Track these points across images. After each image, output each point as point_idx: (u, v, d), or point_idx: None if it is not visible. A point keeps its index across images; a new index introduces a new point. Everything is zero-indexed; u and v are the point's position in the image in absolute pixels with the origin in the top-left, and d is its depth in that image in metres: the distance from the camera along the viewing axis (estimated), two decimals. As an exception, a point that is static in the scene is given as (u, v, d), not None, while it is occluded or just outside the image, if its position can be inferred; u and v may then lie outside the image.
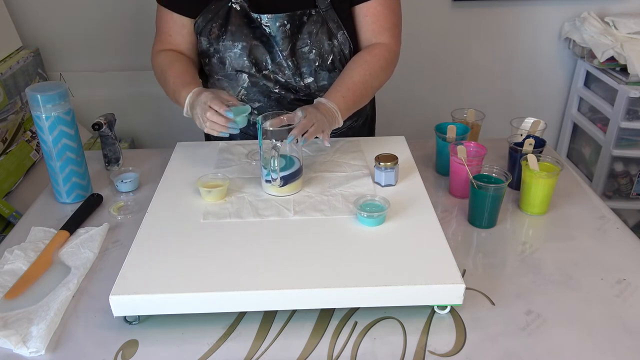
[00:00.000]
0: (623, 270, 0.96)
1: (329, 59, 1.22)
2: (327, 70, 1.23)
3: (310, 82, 1.24)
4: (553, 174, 1.08)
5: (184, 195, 1.07)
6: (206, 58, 1.24)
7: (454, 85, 2.39)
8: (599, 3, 2.20)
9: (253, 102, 1.26)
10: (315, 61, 1.21)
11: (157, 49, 1.28)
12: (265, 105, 1.26)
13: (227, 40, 1.19)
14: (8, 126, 1.84)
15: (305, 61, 1.21)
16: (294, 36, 1.19)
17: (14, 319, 0.85)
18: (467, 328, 0.84)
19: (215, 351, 0.81)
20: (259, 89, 1.24)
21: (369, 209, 0.97)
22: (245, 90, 1.24)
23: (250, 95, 1.25)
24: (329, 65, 1.22)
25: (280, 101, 1.26)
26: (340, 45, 1.22)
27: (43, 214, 1.15)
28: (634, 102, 1.97)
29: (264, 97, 1.25)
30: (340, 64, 1.24)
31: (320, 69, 1.22)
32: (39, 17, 2.13)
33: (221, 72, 1.24)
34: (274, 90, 1.23)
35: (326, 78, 1.25)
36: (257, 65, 1.21)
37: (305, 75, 1.22)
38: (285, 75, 1.22)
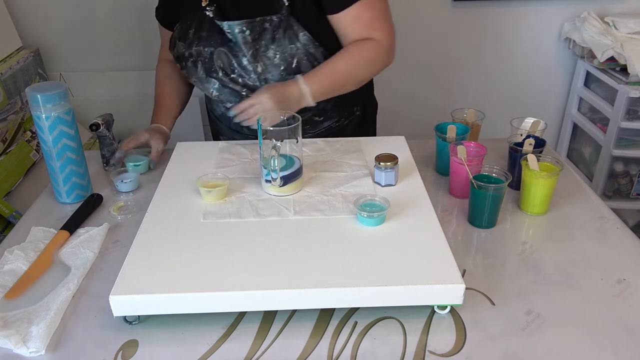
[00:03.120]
0: (623, 270, 0.96)
1: (294, 62, 1.22)
2: (293, 74, 1.22)
3: None
4: (553, 174, 1.08)
5: (184, 195, 1.07)
6: (183, 62, 1.28)
7: (454, 85, 2.39)
8: (599, 3, 2.20)
9: (225, 102, 1.29)
10: (280, 65, 1.22)
11: (160, 56, 1.44)
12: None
13: (199, 46, 1.24)
14: (8, 126, 1.84)
15: (271, 66, 1.22)
16: (256, 42, 1.21)
17: (14, 319, 0.85)
18: (467, 328, 0.84)
19: (215, 351, 0.81)
20: (230, 91, 1.27)
21: (369, 209, 0.97)
22: (217, 92, 1.28)
23: (222, 96, 1.28)
24: (295, 69, 1.22)
25: None
26: (304, 46, 1.21)
27: (43, 214, 1.15)
28: (634, 102, 1.97)
29: (236, 98, 1.27)
30: (307, 65, 1.23)
31: (286, 72, 1.22)
32: (39, 17, 2.13)
33: (195, 76, 1.28)
34: (243, 93, 1.26)
35: None
36: (224, 70, 1.24)
37: (270, 81, 1.23)
38: (252, 79, 1.24)
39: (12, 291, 0.91)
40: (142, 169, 1.27)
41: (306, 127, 1.34)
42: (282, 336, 0.83)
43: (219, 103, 1.32)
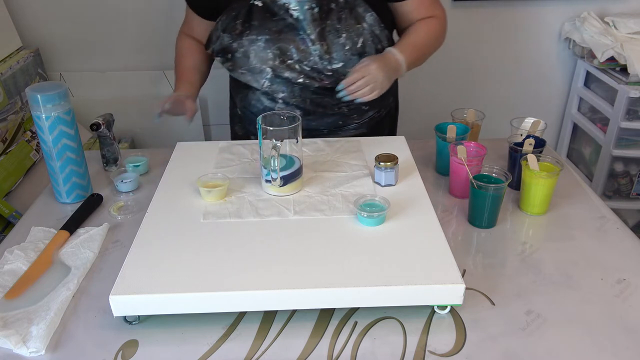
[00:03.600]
0: (623, 270, 0.96)
1: (359, 42, 1.23)
2: (358, 55, 1.24)
3: (339, 67, 1.24)
4: (553, 174, 1.08)
5: (184, 195, 1.07)
6: (229, 54, 1.27)
7: (454, 85, 2.39)
8: (599, 3, 2.20)
9: (277, 92, 1.28)
10: (345, 45, 1.22)
11: (182, 30, 1.44)
12: (289, 96, 1.28)
13: (251, 35, 1.22)
14: (8, 126, 1.84)
15: (335, 45, 1.22)
16: (323, 21, 1.21)
17: (14, 319, 0.85)
18: (467, 328, 0.84)
19: (215, 351, 0.81)
20: (282, 80, 1.26)
21: (369, 209, 0.97)
22: (269, 82, 1.27)
23: (274, 86, 1.27)
24: (359, 49, 1.24)
25: (303, 90, 1.28)
26: (370, 27, 1.24)
27: (43, 214, 1.15)
28: (634, 102, 1.97)
29: (287, 88, 1.27)
30: (372, 47, 1.25)
31: (351, 53, 1.23)
32: (39, 17, 2.12)
33: (245, 67, 1.26)
34: (298, 81, 1.25)
35: (356, 63, 1.24)
36: (282, 57, 1.23)
37: (334, 60, 1.23)
38: (311, 62, 1.23)
39: (12, 291, 0.91)
40: (142, 169, 1.27)
41: (353, 115, 1.35)
42: (282, 336, 0.83)
43: (265, 96, 1.30)
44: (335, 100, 1.28)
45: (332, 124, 1.34)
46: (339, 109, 1.32)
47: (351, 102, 1.29)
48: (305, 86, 1.26)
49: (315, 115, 1.32)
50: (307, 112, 1.31)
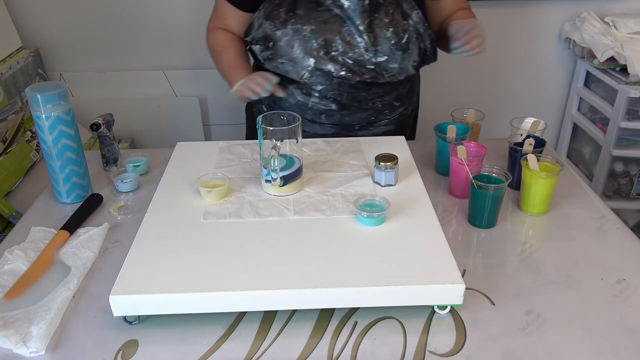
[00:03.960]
0: (623, 270, 0.96)
1: (405, 38, 1.24)
2: (402, 50, 1.25)
3: (383, 61, 1.25)
4: (553, 174, 1.08)
5: (184, 195, 1.07)
6: (270, 42, 1.26)
7: (454, 85, 2.39)
8: (599, 3, 2.20)
9: (315, 84, 1.28)
10: (391, 39, 1.23)
11: (213, 24, 1.39)
12: (327, 89, 1.28)
13: (297, 24, 1.22)
14: (8, 126, 1.84)
15: (382, 39, 1.23)
16: (372, 13, 1.22)
17: (14, 319, 0.85)
18: (467, 328, 0.84)
19: (215, 351, 0.81)
20: (323, 73, 1.26)
21: (369, 209, 0.97)
22: (309, 74, 1.26)
23: (313, 78, 1.27)
24: (404, 45, 1.25)
25: (341, 84, 1.28)
26: (415, 24, 1.26)
27: (43, 214, 1.15)
28: (634, 102, 1.97)
29: (326, 81, 1.27)
30: (415, 44, 1.27)
31: (396, 48, 1.24)
32: (39, 17, 2.13)
33: (287, 56, 1.25)
34: (340, 74, 1.25)
35: (398, 60, 1.26)
36: (326, 48, 1.23)
37: (379, 54, 1.24)
38: (356, 54, 1.23)
39: (12, 291, 0.91)
40: (142, 169, 1.27)
41: (385, 111, 1.36)
42: (282, 336, 0.83)
43: (300, 89, 1.29)
44: (371, 95, 1.30)
45: (365, 119, 1.35)
46: (373, 104, 1.33)
47: (385, 97, 1.32)
48: (345, 80, 1.26)
49: (349, 110, 1.32)
50: (343, 107, 1.31)
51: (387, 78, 1.27)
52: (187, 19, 2.14)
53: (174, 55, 2.21)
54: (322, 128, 1.35)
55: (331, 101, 1.30)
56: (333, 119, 1.33)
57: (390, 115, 1.37)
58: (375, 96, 1.31)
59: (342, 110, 1.31)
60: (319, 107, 1.31)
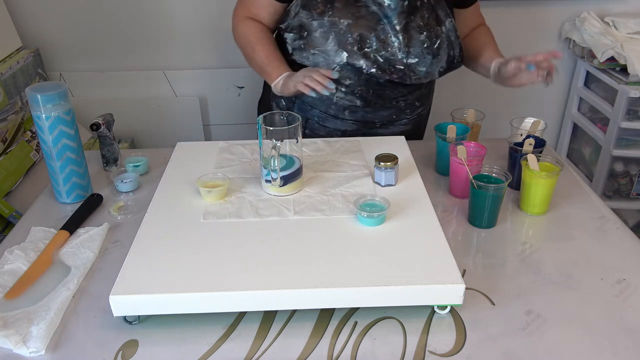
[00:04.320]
0: (623, 270, 0.96)
1: (437, 43, 1.26)
2: (432, 55, 1.27)
3: (413, 63, 1.26)
4: (553, 174, 1.08)
5: (184, 195, 1.07)
6: (304, 32, 1.25)
7: (454, 85, 2.39)
8: (599, 3, 2.20)
9: (344, 79, 1.29)
10: (424, 42, 1.25)
11: (241, 14, 1.36)
12: (355, 84, 1.29)
13: (334, 17, 1.22)
14: (8, 126, 1.84)
15: (415, 41, 1.24)
16: (409, 15, 1.23)
17: (14, 319, 0.85)
18: (467, 328, 0.84)
19: (215, 351, 0.81)
20: (353, 68, 1.26)
21: (369, 209, 0.97)
22: (340, 68, 1.26)
23: (343, 72, 1.27)
24: (435, 50, 1.27)
25: (369, 81, 1.29)
26: (447, 32, 1.28)
27: (43, 214, 1.15)
28: (634, 102, 1.97)
29: (355, 76, 1.28)
30: (445, 51, 1.29)
31: (427, 52, 1.26)
32: (39, 17, 2.12)
33: (320, 47, 1.25)
34: (370, 71, 1.25)
35: (428, 64, 1.27)
36: (361, 43, 1.23)
37: (411, 55, 1.25)
38: (389, 52, 1.24)
39: (12, 291, 0.91)
40: (142, 169, 1.27)
41: (407, 111, 1.38)
42: (282, 336, 0.83)
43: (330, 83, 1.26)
44: (395, 94, 1.32)
45: (387, 118, 1.36)
46: (396, 103, 1.34)
47: (408, 97, 1.34)
48: (373, 77, 1.27)
49: (373, 107, 1.33)
50: (367, 104, 1.32)
51: (413, 80, 1.29)
52: (187, 19, 2.14)
53: (174, 55, 2.21)
54: (344, 124, 1.36)
55: (357, 97, 1.31)
56: (356, 115, 1.34)
57: (410, 115, 1.39)
58: (399, 95, 1.33)
59: (366, 107, 1.33)
60: (343, 103, 1.32)
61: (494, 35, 1.45)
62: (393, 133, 1.38)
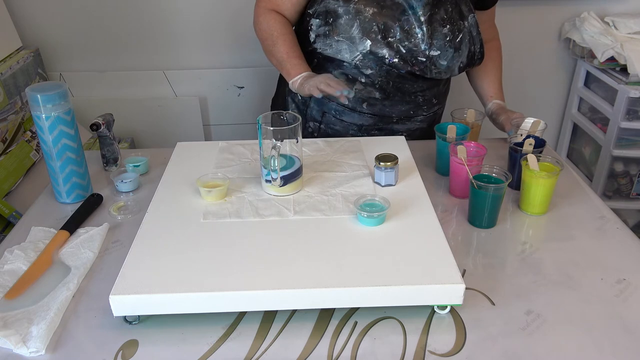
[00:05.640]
0: (623, 270, 0.96)
1: (459, 37, 1.27)
2: (454, 49, 1.28)
3: (435, 55, 1.27)
4: (553, 174, 1.08)
5: (184, 195, 1.07)
6: (330, 18, 1.26)
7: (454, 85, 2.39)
8: (599, 3, 2.20)
9: (365, 68, 1.29)
10: (447, 35, 1.26)
11: (264, 5, 1.34)
12: (375, 74, 1.30)
13: (359, 4, 1.23)
14: (8, 126, 1.84)
15: (438, 33, 1.25)
16: (433, 7, 1.24)
17: (14, 319, 0.85)
18: (467, 328, 0.84)
19: (215, 351, 0.81)
20: (375, 57, 1.26)
21: (369, 209, 0.97)
22: (362, 56, 1.27)
23: (365, 61, 1.28)
24: (457, 44, 1.28)
25: (390, 72, 1.29)
26: (469, 27, 1.29)
27: (43, 214, 1.15)
28: (634, 102, 1.97)
29: (377, 66, 1.28)
30: (467, 46, 1.30)
31: (449, 45, 1.27)
32: (39, 17, 2.13)
33: (345, 34, 1.25)
34: (392, 61, 1.26)
35: (449, 58, 1.28)
36: (385, 32, 1.24)
37: (434, 47, 1.26)
38: (412, 43, 1.25)
39: (12, 291, 0.91)
40: (142, 169, 1.27)
41: (424, 107, 1.39)
42: (282, 336, 0.83)
43: (347, 74, 1.28)
44: (414, 88, 1.32)
45: (404, 112, 1.37)
46: (415, 97, 1.35)
47: (426, 92, 1.35)
48: (395, 68, 1.27)
49: (392, 101, 1.34)
50: (387, 96, 1.32)
51: (433, 74, 1.29)
52: (187, 19, 2.14)
53: (174, 55, 2.21)
54: (361, 117, 1.36)
55: (376, 89, 1.31)
56: (374, 108, 1.34)
57: (427, 111, 1.40)
58: (418, 90, 1.33)
59: (384, 100, 1.33)
60: (362, 95, 1.32)
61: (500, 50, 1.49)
62: (409, 130, 1.39)
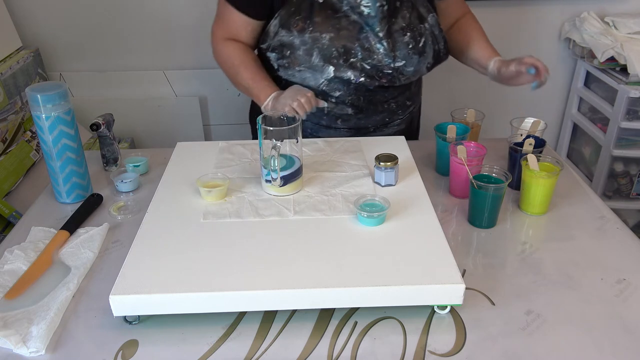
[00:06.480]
0: (623, 270, 0.96)
1: (421, 42, 1.25)
2: (418, 54, 1.26)
3: (401, 66, 1.25)
4: (553, 174, 1.08)
5: (184, 195, 1.07)
6: (287, 50, 1.24)
7: (454, 85, 2.39)
8: (599, 3, 2.20)
9: (334, 91, 1.28)
10: (409, 43, 1.24)
11: (220, 35, 1.33)
12: (344, 94, 1.29)
13: (315, 32, 1.21)
14: (8, 126, 1.84)
15: (400, 44, 1.24)
16: (390, 19, 1.22)
17: (14, 319, 0.85)
18: (467, 328, 0.84)
19: (215, 351, 0.81)
20: (341, 80, 1.25)
21: (369, 209, 0.97)
22: (328, 82, 1.26)
23: (332, 85, 1.27)
24: (420, 49, 1.26)
25: (358, 89, 1.28)
26: (431, 27, 1.27)
27: (43, 214, 1.15)
28: (634, 102, 1.97)
29: (344, 87, 1.27)
30: (431, 47, 1.28)
31: (413, 52, 1.25)
32: (39, 17, 2.13)
33: (305, 64, 1.24)
34: (359, 81, 1.25)
35: (415, 63, 1.27)
36: (346, 55, 1.22)
37: (398, 59, 1.24)
38: (375, 60, 1.23)
39: (12, 291, 0.91)
40: (142, 169, 1.27)
41: (399, 112, 1.37)
42: (282, 336, 0.83)
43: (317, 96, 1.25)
44: (386, 97, 1.31)
45: (380, 121, 1.36)
46: (388, 106, 1.34)
47: (398, 98, 1.33)
48: (362, 85, 1.27)
49: (366, 114, 1.33)
50: (359, 111, 1.32)
51: (402, 81, 1.29)
52: (187, 18, 2.14)
53: (174, 55, 2.21)
54: (338, 132, 1.35)
55: (348, 106, 1.30)
56: (349, 123, 1.34)
57: (402, 115, 1.39)
58: (390, 97, 1.32)
59: (358, 114, 1.32)
60: (335, 113, 1.31)
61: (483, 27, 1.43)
62: (388, 135, 1.38)
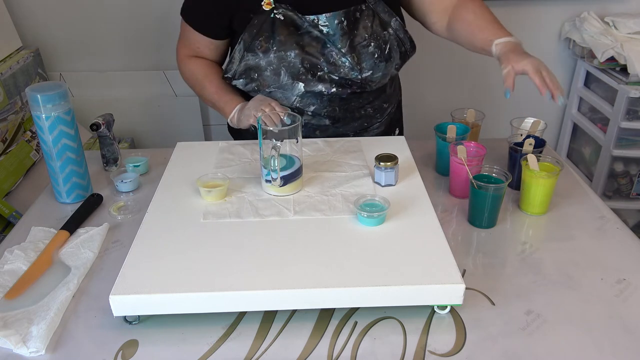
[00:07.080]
0: (623, 270, 0.96)
1: (387, 49, 1.24)
2: (385, 61, 1.25)
3: (368, 75, 1.25)
4: (553, 174, 1.08)
5: (184, 195, 1.07)
6: (255, 73, 1.23)
7: (454, 85, 2.39)
8: (599, 3, 2.20)
9: (308, 106, 1.27)
10: (374, 53, 1.23)
11: (184, 53, 1.35)
12: (320, 107, 1.28)
13: (279, 51, 1.19)
14: (8, 126, 1.84)
15: (364, 55, 1.23)
16: (351, 32, 1.21)
17: (14, 319, 0.85)
18: (467, 328, 0.84)
19: (215, 351, 0.81)
20: (313, 94, 1.25)
21: (369, 209, 0.97)
22: (300, 98, 1.25)
23: (305, 100, 1.26)
24: (387, 55, 1.25)
25: (332, 100, 1.27)
26: (395, 32, 1.26)
27: (43, 214, 1.15)
28: (634, 102, 1.97)
29: (317, 100, 1.26)
30: (397, 51, 1.27)
31: (379, 60, 1.24)
32: (39, 17, 2.13)
33: (275, 84, 1.23)
34: (331, 92, 1.24)
35: (382, 69, 1.26)
36: (313, 70, 1.21)
37: (364, 70, 1.24)
38: (342, 73, 1.23)
39: (12, 291, 0.91)
40: (142, 169, 1.27)
41: (377, 115, 1.36)
42: (282, 336, 0.83)
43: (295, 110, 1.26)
44: (361, 103, 1.30)
45: (358, 127, 1.35)
46: (364, 111, 1.33)
47: (374, 102, 1.32)
48: (335, 95, 1.26)
49: (343, 122, 1.32)
50: (336, 120, 1.31)
51: (373, 87, 1.28)
52: (187, 19, 2.14)
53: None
54: None
55: (324, 117, 1.29)
56: (327, 132, 1.33)
57: (381, 117, 1.37)
58: (365, 103, 1.31)
59: (335, 124, 1.31)
60: (312, 124, 1.31)
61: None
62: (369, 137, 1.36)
